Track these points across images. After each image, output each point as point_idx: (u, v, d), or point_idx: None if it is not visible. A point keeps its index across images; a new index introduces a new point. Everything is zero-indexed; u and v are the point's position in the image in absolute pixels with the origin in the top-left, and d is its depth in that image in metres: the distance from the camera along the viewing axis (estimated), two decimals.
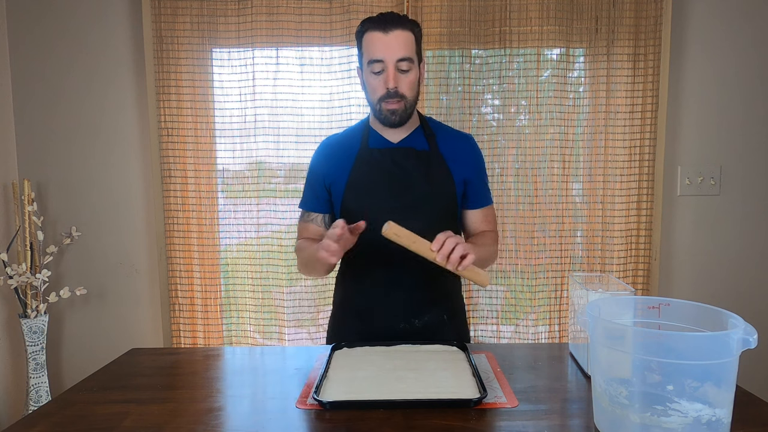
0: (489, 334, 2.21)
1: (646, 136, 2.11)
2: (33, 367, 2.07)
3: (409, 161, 1.32)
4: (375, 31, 1.24)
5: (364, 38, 1.27)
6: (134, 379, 1.09)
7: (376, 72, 1.25)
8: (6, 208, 2.20)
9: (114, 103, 2.21)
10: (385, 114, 1.28)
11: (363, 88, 1.34)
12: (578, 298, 1.11)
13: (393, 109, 1.27)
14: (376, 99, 1.28)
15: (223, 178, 2.20)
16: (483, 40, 2.10)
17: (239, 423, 0.90)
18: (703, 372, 0.75)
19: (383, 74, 1.25)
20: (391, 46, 1.23)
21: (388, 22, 1.24)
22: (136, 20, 2.15)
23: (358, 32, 1.30)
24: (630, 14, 2.08)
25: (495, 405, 0.93)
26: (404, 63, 1.24)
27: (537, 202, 2.16)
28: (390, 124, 1.31)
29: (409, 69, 1.26)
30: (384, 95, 1.26)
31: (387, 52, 1.23)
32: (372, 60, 1.25)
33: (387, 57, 1.23)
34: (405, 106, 1.28)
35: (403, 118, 1.30)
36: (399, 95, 1.26)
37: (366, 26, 1.27)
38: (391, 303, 1.33)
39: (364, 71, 1.29)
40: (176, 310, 2.20)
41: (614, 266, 2.16)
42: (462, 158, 1.37)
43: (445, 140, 1.37)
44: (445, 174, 1.33)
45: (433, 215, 1.31)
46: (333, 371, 1.07)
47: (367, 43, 1.26)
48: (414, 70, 1.27)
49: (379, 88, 1.27)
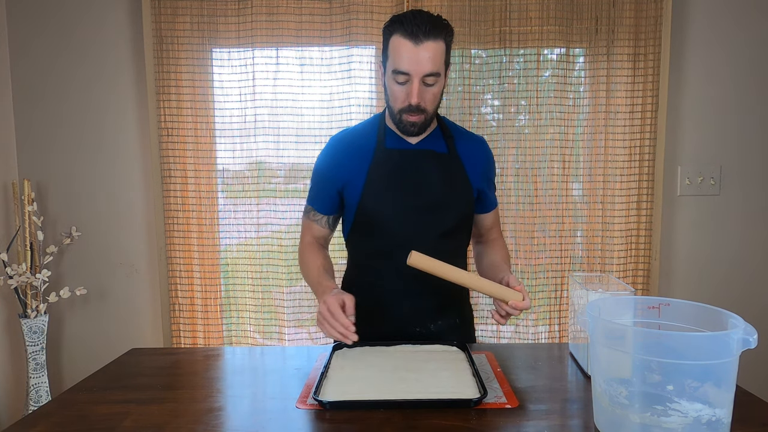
0: (489, 334, 2.21)
1: (646, 136, 2.11)
2: (33, 367, 2.07)
3: (429, 163, 1.29)
4: (405, 38, 1.15)
5: (391, 41, 1.18)
6: (134, 379, 1.09)
7: (400, 82, 1.19)
8: (6, 208, 2.20)
9: (114, 103, 2.21)
10: (405, 124, 1.24)
11: (384, 87, 1.28)
12: (578, 298, 1.11)
13: (413, 122, 1.23)
14: (397, 108, 1.23)
15: (223, 178, 2.20)
16: (483, 40, 2.10)
17: (239, 423, 0.90)
18: (703, 372, 0.75)
19: (407, 86, 1.19)
20: (420, 60, 1.14)
21: (420, 30, 1.14)
22: (136, 20, 2.15)
23: (386, 29, 1.21)
24: (630, 14, 2.08)
25: (495, 405, 0.93)
26: (430, 78, 1.17)
27: (537, 202, 2.16)
28: (408, 134, 1.27)
29: (435, 83, 1.19)
30: (405, 108, 1.21)
31: (414, 67, 1.15)
32: (397, 71, 1.17)
33: (414, 71, 1.16)
34: (425, 119, 1.24)
35: (421, 129, 1.26)
36: (420, 109, 1.20)
37: (395, 28, 1.17)
38: (408, 309, 1.32)
39: (387, 76, 1.22)
40: (176, 310, 2.20)
41: (614, 266, 2.16)
42: (478, 163, 1.35)
43: (462, 143, 1.35)
44: (463, 178, 1.32)
45: (450, 219, 1.30)
46: (333, 371, 1.07)
47: (394, 48, 1.17)
48: (439, 83, 1.21)
49: (400, 98, 1.21)
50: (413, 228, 1.28)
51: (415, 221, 1.28)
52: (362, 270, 1.38)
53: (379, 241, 1.31)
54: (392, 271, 1.30)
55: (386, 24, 1.21)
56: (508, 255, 1.43)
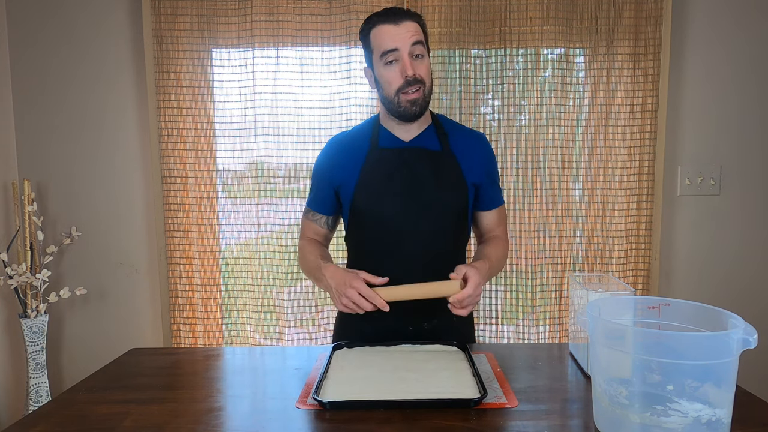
0: (489, 334, 2.21)
1: (646, 136, 2.11)
2: (33, 367, 2.07)
3: (421, 162, 1.30)
4: (385, 24, 1.23)
5: (372, 33, 1.25)
6: (134, 379, 1.09)
7: (390, 62, 1.23)
8: (6, 208, 2.20)
9: (114, 103, 2.21)
10: (405, 106, 1.25)
11: (375, 87, 1.30)
12: (578, 298, 1.11)
13: (413, 99, 1.24)
14: (394, 91, 1.25)
15: (223, 178, 2.20)
16: (483, 40, 2.10)
17: (239, 423, 0.90)
18: (703, 372, 0.75)
19: (399, 64, 1.23)
20: (403, 34, 1.22)
21: (397, 14, 1.23)
22: (136, 20, 2.15)
23: (363, 30, 1.28)
24: (630, 14, 2.08)
25: (495, 405, 0.93)
26: (418, 47, 1.23)
27: (537, 202, 2.16)
28: (410, 117, 1.27)
29: (423, 54, 1.25)
30: (403, 84, 1.23)
31: (400, 41, 1.21)
32: (385, 51, 1.22)
33: (401, 45, 1.21)
34: (424, 93, 1.26)
35: (423, 107, 1.27)
36: (419, 80, 1.23)
37: (374, 21, 1.25)
38: (401, 306, 1.32)
39: (376, 66, 1.26)
40: (176, 310, 2.20)
41: (614, 266, 2.16)
42: (474, 159, 1.35)
43: (458, 140, 1.35)
44: (456, 175, 1.31)
45: (444, 217, 1.30)
46: (333, 371, 1.07)
47: (376, 36, 1.24)
48: (426, 57, 1.26)
49: (395, 79, 1.24)
50: (405, 226, 1.28)
51: (407, 219, 1.28)
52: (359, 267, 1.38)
53: (372, 240, 1.32)
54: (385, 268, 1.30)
55: (362, 27, 1.28)
56: (502, 251, 1.38)
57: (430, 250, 1.30)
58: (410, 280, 1.28)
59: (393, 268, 1.28)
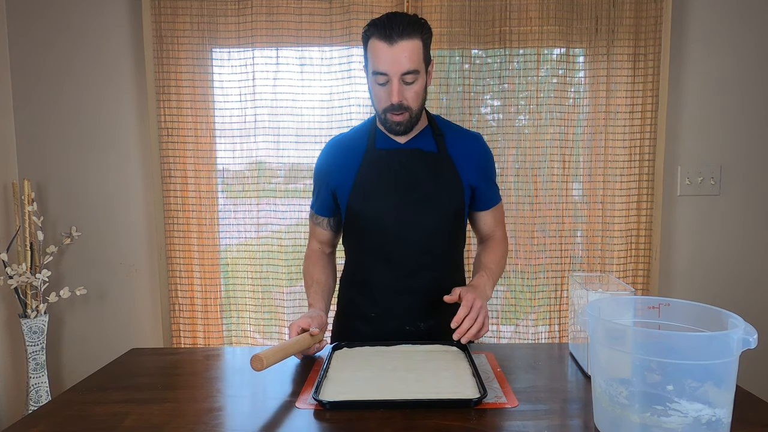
0: (489, 334, 2.20)
1: (646, 136, 2.11)
2: (33, 367, 2.07)
3: (416, 163, 1.30)
4: (380, 40, 1.18)
5: (368, 45, 1.22)
6: (134, 379, 1.09)
7: (380, 83, 1.22)
8: (6, 208, 2.20)
9: (114, 103, 2.21)
10: (390, 124, 1.26)
11: (369, 91, 1.30)
12: (578, 298, 1.11)
13: (398, 121, 1.25)
14: (381, 109, 1.25)
15: (223, 178, 2.20)
16: (483, 40, 2.10)
17: (239, 423, 0.89)
18: (703, 372, 0.75)
19: (387, 86, 1.21)
20: (396, 59, 1.18)
21: (394, 31, 1.17)
22: (136, 20, 2.15)
23: (364, 34, 1.25)
24: (630, 14, 2.08)
25: (495, 405, 0.93)
26: (409, 76, 1.20)
27: (537, 202, 2.16)
28: (395, 134, 1.29)
29: (414, 80, 1.21)
30: (388, 107, 1.23)
31: (391, 67, 1.18)
32: (376, 72, 1.21)
33: (391, 71, 1.19)
34: (410, 117, 1.25)
35: (407, 127, 1.27)
36: (403, 107, 1.23)
37: (371, 32, 1.21)
38: (399, 307, 1.33)
39: (369, 78, 1.26)
40: (176, 310, 2.20)
41: (614, 266, 2.16)
42: (471, 160, 1.35)
43: (454, 141, 1.35)
44: (452, 176, 1.31)
45: (440, 218, 1.30)
46: (333, 371, 1.07)
47: (371, 51, 1.21)
48: (420, 80, 1.23)
49: (383, 99, 1.23)
50: (401, 227, 1.29)
51: (403, 220, 1.29)
52: (356, 268, 1.40)
53: (368, 240, 1.33)
54: (381, 270, 1.32)
55: (364, 29, 1.24)
56: (502, 255, 1.39)
57: (426, 252, 1.31)
58: (405, 281, 1.30)
59: (389, 270, 1.30)
